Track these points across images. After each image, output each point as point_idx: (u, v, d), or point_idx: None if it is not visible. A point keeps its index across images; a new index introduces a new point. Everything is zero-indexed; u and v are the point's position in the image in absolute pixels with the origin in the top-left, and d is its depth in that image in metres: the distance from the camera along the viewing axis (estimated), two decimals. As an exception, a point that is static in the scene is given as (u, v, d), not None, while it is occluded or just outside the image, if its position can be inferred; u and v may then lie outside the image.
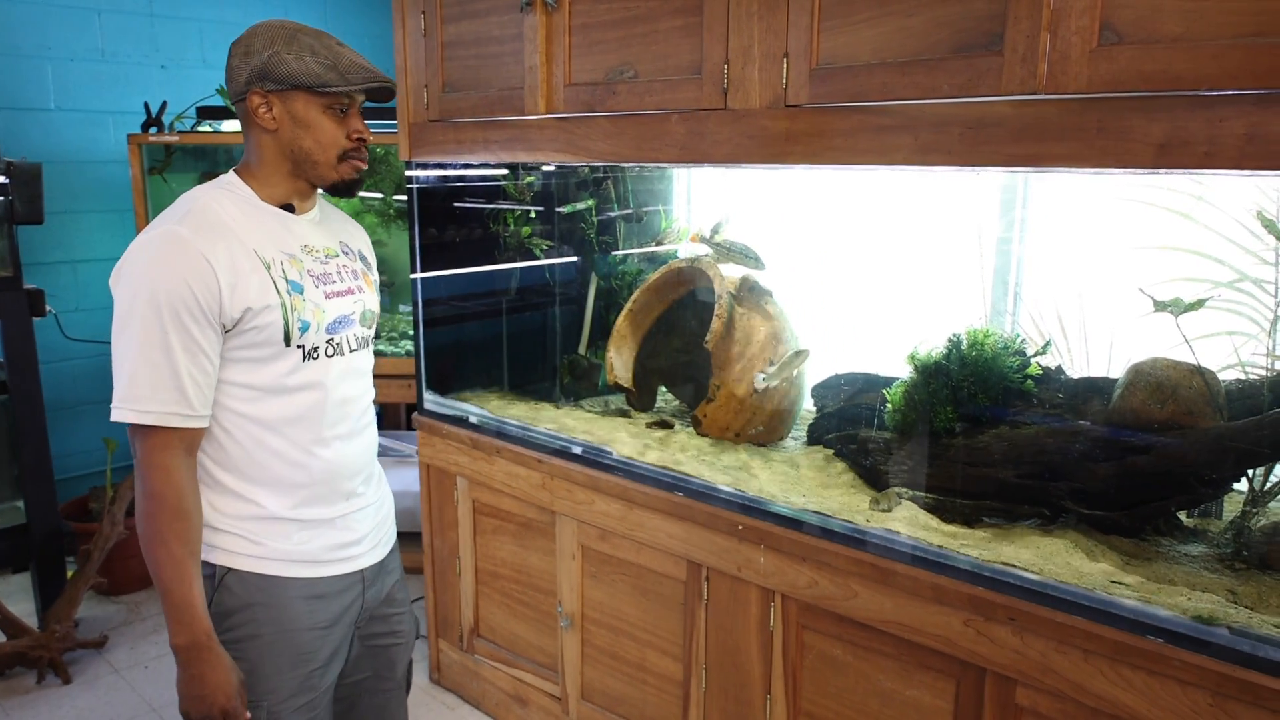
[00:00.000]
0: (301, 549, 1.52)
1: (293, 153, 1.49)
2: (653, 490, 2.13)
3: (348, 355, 1.57)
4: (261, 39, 1.45)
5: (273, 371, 1.47)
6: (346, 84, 1.45)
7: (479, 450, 2.55)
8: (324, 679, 1.58)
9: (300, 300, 1.48)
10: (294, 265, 1.50)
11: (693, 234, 2.47)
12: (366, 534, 1.62)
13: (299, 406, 1.50)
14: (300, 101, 1.45)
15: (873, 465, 2.00)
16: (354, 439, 1.60)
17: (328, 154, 1.49)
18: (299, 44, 1.44)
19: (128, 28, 3.87)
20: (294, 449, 1.50)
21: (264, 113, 1.46)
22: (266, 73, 1.43)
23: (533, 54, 2.18)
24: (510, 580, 2.58)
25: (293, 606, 1.52)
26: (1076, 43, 1.37)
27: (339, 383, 1.54)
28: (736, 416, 2.27)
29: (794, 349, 2.29)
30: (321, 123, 1.47)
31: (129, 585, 3.41)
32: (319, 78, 1.44)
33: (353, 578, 1.60)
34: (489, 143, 2.37)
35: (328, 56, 1.45)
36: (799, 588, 1.88)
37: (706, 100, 1.90)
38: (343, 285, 1.57)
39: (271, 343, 1.45)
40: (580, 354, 2.75)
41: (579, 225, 2.76)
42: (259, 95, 1.45)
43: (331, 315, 1.52)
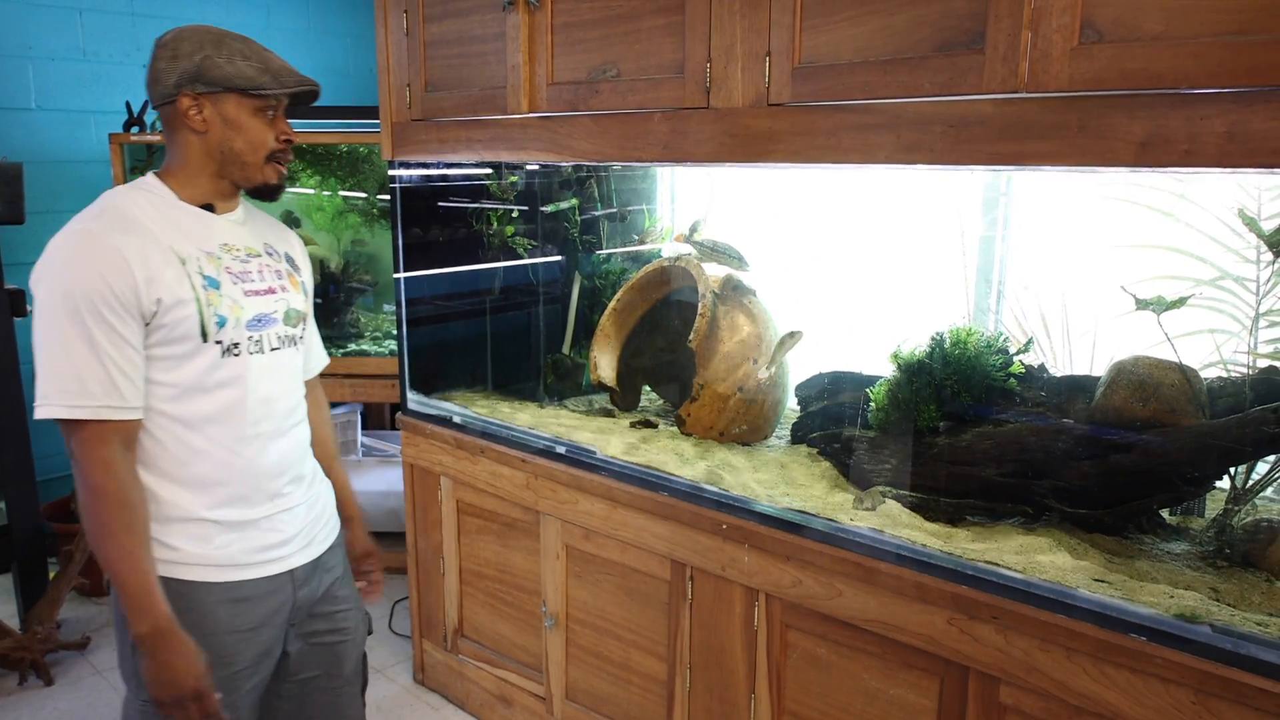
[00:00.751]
0: (221, 552, 1.52)
1: (222, 154, 1.51)
2: (637, 490, 2.12)
3: (269, 354, 1.57)
4: (190, 43, 1.47)
5: (192, 369, 1.47)
6: (280, 86, 1.49)
7: (463, 450, 2.54)
8: (249, 680, 1.57)
9: (216, 295, 1.49)
10: (211, 262, 1.51)
11: (677, 233, 2.47)
12: (295, 534, 1.62)
13: (220, 404, 1.50)
14: (232, 104, 1.48)
15: (856, 464, 2.00)
16: (280, 438, 1.60)
17: (257, 155, 1.52)
18: (228, 48, 1.48)
19: (109, 27, 3.84)
20: (216, 447, 1.51)
21: (194, 115, 1.48)
22: (199, 75, 1.46)
23: (515, 53, 2.17)
24: (494, 580, 2.56)
25: (212, 612, 1.51)
26: (1058, 41, 1.37)
27: (261, 380, 1.55)
28: (720, 416, 2.26)
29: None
30: (252, 124, 1.50)
31: (111, 588, 3.38)
32: (252, 81, 1.47)
33: (280, 579, 1.59)
34: (472, 142, 2.36)
35: (258, 60, 1.49)
36: (783, 587, 1.88)
37: (689, 99, 1.89)
38: (263, 284, 1.58)
39: (189, 338, 1.46)
40: (564, 353, 2.74)
41: (562, 224, 2.75)
42: (189, 98, 1.47)
43: (251, 312, 1.54)
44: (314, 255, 3.59)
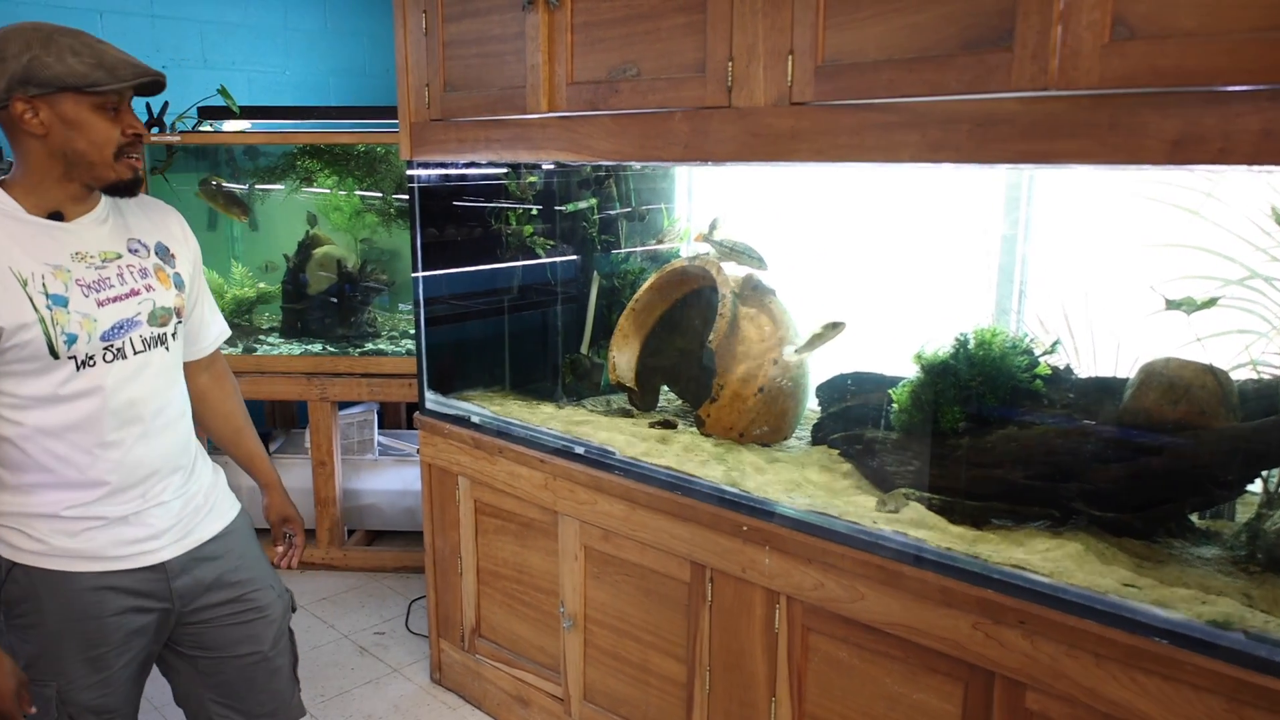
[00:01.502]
0: (86, 546, 1.54)
1: (65, 156, 1.46)
2: (656, 491, 2.11)
3: (132, 358, 1.56)
4: (15, 44, 1.41)
5: (46, 383, 1.47)
6: (116, 80, 1.43)
7: (481, 450, 2.53)
8: (120, 657, 1.60)
9: (63, 313, 1.47)
10: (58, 276, 1.48)
11: (696, 233, 2.45)
12: (167, 528, 1.63)
13: (77, 413, 1.50)
14: (69, 103, 1.42)
15: (879, 466, 1.98)
16: (149, 438, 1.59)
17: (103, 153, 1.47)
18: (57, 45, 1.41)
19: (129, 28, 3.86)
20: (76, 452, 1.51)
21: (30, 119, 1.42)
22: (28, 77, 1.40)
23: (535, 52, 2.16)
24: (512, 580, 2.56)
25: (79, 598, 1.54)
26: (1088, 38, 1.35)
27: (122, 386, 1.54)
28: (740, 416, 2.25)
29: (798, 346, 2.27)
30: (93, 122, 1.45)
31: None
32: (86, 77, 1.41)
33: (153, 571, 1.62)
34: (491, 142, 2.35)
35: (90, 55, 1.42)
36: (804, 590, 1.86)
37: (710, 98, 1.88)
38: (123, 288, 1.56)
39: (37, 357, 1.45)
40: (582, 353, 2.73)
41: (581, 224, 2.74)
42: (22, 101, 1.41)
43: (107, 322, 1.52)
44: (330, 255, 3.60)
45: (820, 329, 2.16)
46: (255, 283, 3.72)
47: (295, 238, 3.66)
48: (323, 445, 3.50)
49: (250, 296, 3.69)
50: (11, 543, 1.53)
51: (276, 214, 3.69)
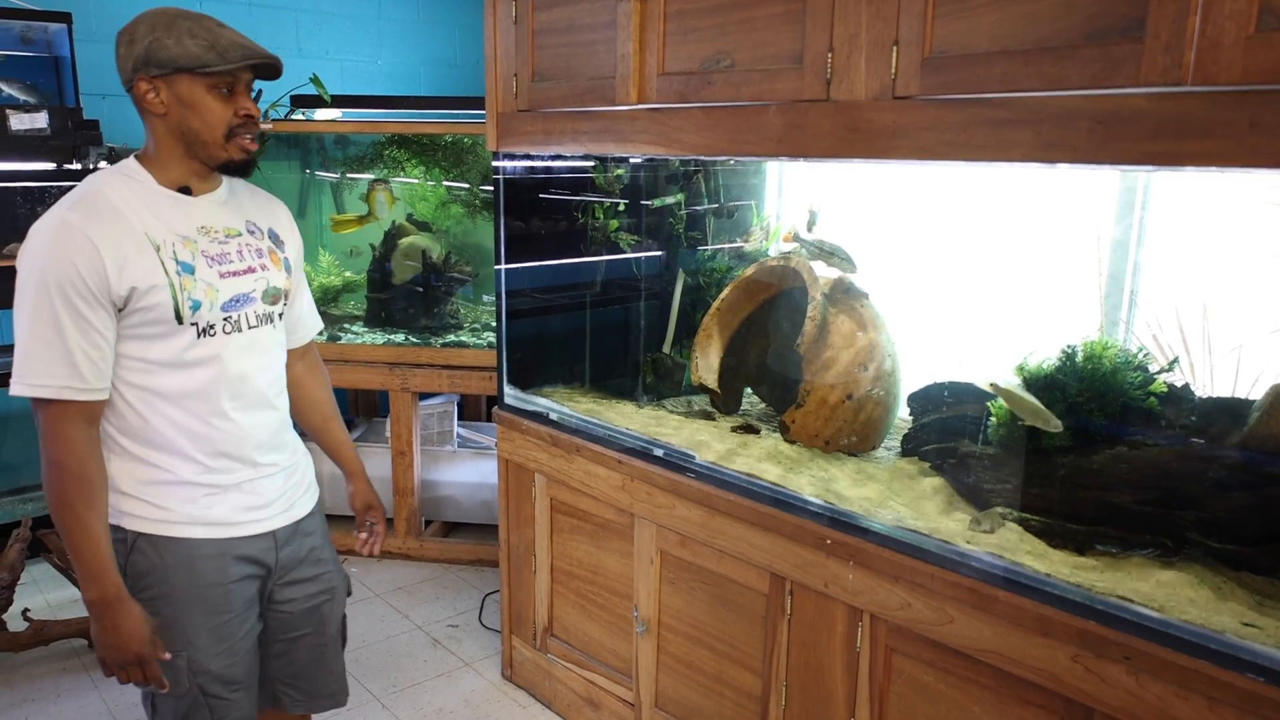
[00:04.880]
0: (208, 512, 1.60)
1: (183, 134, 1.53)
2: (736, 498, 2.05)
3: (246, 332, 1.63)
4: (144, 26, 1.49)
5: (169, 347, 1.54)
6: (225, 63, 1.49)
7: (558, 448, 2.50)
8: (241, 626, 1.67)
9: (190, 280, 1.54)
10: (187, 246, 1.55)
11: (786, 232, 2.37)
12: (275, 499, 1.69)
13: (195, 381, 1.57)
14: (185, 84, 1.49)
15: (973, 482, 1.88)
16: (256, 412, 1.66)
17: (215, 133, 1.53)
18: (178, 28, 1.48)
19: (227, 17, 3.89)
20: (192, 419, 1.58)
21: (152, 98, 1.50)
22: (149, 58, 1.48)
23: (625, 42, 2.11)
24: (586, 581, 2.52)
25: (203, 565, 1.60)
26: (1230, 29, 1.23)
27: (237, 358, 1.61)
28: (827, 424, 2.16)
29: (891, 354, 2.17)
30: (207, 103, 1.51)
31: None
32: (198, 59, 1.48)
33: (264, 538, 1.68)
34: (578, 134, 2.31)
35: (205, 37, 1.49)
36: (890, 609, 1.78)
37: (808, 91, 1.80)
38: (242, 264, 1.63)
39: (163, 320, 1.52)
40: (664, 352, 2.67)
41: (667, 220, 2.68)
42: (145, 81, 1.50)
43: (227, 294, 1.59)
44: (416, 245, 3.62)
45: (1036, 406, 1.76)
46: (341, 271, 3.77)
47: (382, 226, 3.68)
48: (403, 435, 3.52)
49: (336, 285, 3.73)
50: (137, 513, 1.57)
51: (360, 206, 3.72)
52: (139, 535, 1.57)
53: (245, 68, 1.53)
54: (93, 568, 1.50)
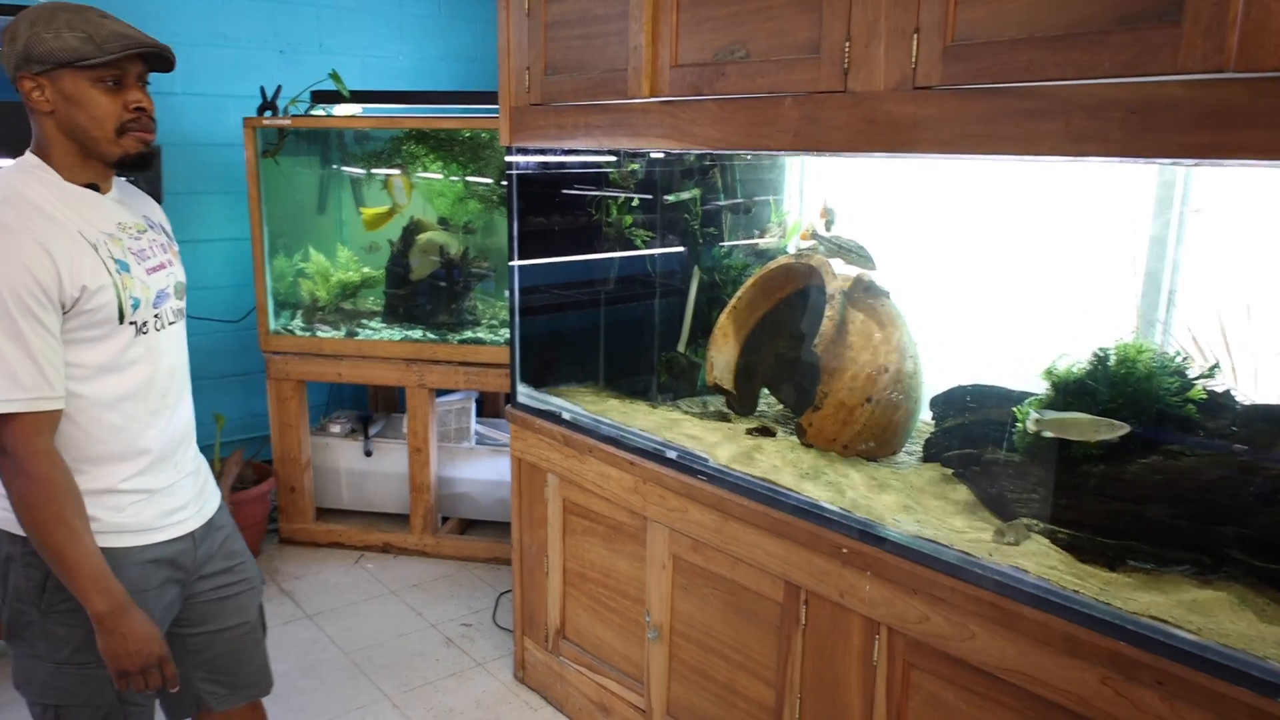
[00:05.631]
0: (134, 519, 1.57)
1: (72, 132, 1.47)
2: (750, 503, 1.98)
3: (168, 328, 1.62)
4: (25, 22, 1.43)
5: (107, 349, 1.50)
6: (104, 54, 1.42)
7: (571, 448, 2.44)
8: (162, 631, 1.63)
9: (129, 278, 1.52)
10: (115, 244, 1.52)
11: (804, 229, 2.30)
12: (191, 499, 1.68)
13: (134, 381, 1.54)
14: (67, 79, 1.43)
15: (997, 491, 1.79)
16: (181, 407, 1.67)
17: (104, 129, 1.47)
18: (57, 21, 1.42)
19: (249, 13, 3.92)
20: (131, 423, 1.55)
21: (37, 96, 1.45)
22: (29, 54, 1.42)
23: (638, 33, 2.05)
24: (598, 584, 2.47)
25: (128, 573, 1.55)
26: (1276, 10, 1.14)
27: (165, 354, 1.61)
28: (845, 427, 2.09)
29: (913, 355, 2.09)
30: (92, 97, 1.45)
31: (230, 562, 3.46)
32: (76, 52, 1.41)
33: (184, 540, 1.66)
34: (590, 128, 2.25)
35: (84, 29, 1.42)
36: (908, 622, 1.70)
37: (824, 82, 1.72)
38: (156, 260, 1.61)
39: (106, 321, 1.49)
40: (679, 351, 2.60)
41: (683, 216, 2.61)
42: (29, 79, 1.44)
43: (154, 290, 1.57)
44: (433, 240, 3.58)
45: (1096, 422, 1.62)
46: (360, 266, 3.73)
47: (400, 221, 3.64)
48: (419, 431, 3.48)
49: (354, 280, 3.70)
50: None
51: (383, 198, 3.68)
52: None
53: (132, 58, 1.46)
54: (97, 578, 1.46)
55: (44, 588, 1.52)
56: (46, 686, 1.56)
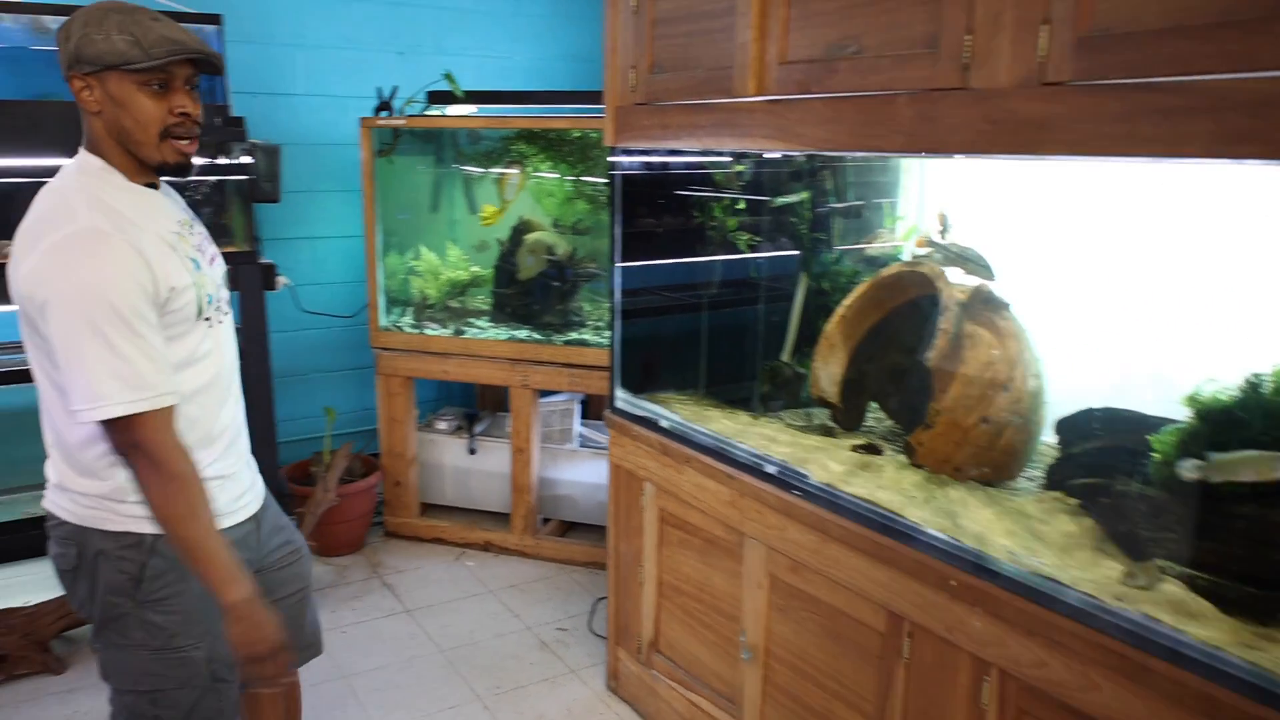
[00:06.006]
0: (212, 506, 1.57)
1: (117, 133, 1.48)
2: (852, 525, 1.87)
3: (226, 320, 1.68)
4: (77, 21, 1.44)
5: (187, 345, 1.54)
6: (149, 59, 1.42)
7: (668, 457, 2.37)
8: None
9: (201, 275, 1.57)
10: (184, 242, 1.56)
11: (919, 236, 2.16)
12: (251, 484, 1.75)
13: (208, 374, 1.59)
14: (114, 81, 1.44)
15: (1130, 527, 1.63)
16: (239, 396, 1.72)
17: (148, 133, 1.48)
18: (108, 23, 1.42)
19: (371, 16, 4.00)
20: (206, 414, 1.59)
21: (86, 96, 1.46)
22: (79, 55, 1.43)
23: (745, 29, 1.96)
24: (692, 598, 2.39)
25: None
26: None
27: (227, 345, 1.67)
28: (958, 449, 1.95)
29: (1036, 373, 1.93)
30: (138, 101, 1.45)
31: (337, 549, 3.55)
32: (123, 55, 1.42)
33: (249, 523, 1.73)
34: (694, 128, 2.17)
35: (133, 32, 1.42)
36: (1022, 665, 1.56)
37: (941, 78, 1.60)
38: (210, 253, 1.66)
39: (187, 319, 1.53)
40: (783, 360, 2.50)
41: (790, 219, 2.50)
42: (79, 79, 1.45)
43: (215, 283, 1.63)
44: (541, 241, 3.57)
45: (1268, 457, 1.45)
46: (469, 265, 3.76)
47: (509, 221, 3.65)
48: (522, 432, 3.48)
49: (463, 279, 3.73)
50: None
51: (494, 197, 3.69)
52: (157, 537, 1.55)
53: (180, 63, 1.46)
54: (232, 569, 1.49)
55: (139, 579, 1.56)
56: (143, 674, 1.60)
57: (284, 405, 3.71)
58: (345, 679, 2.77)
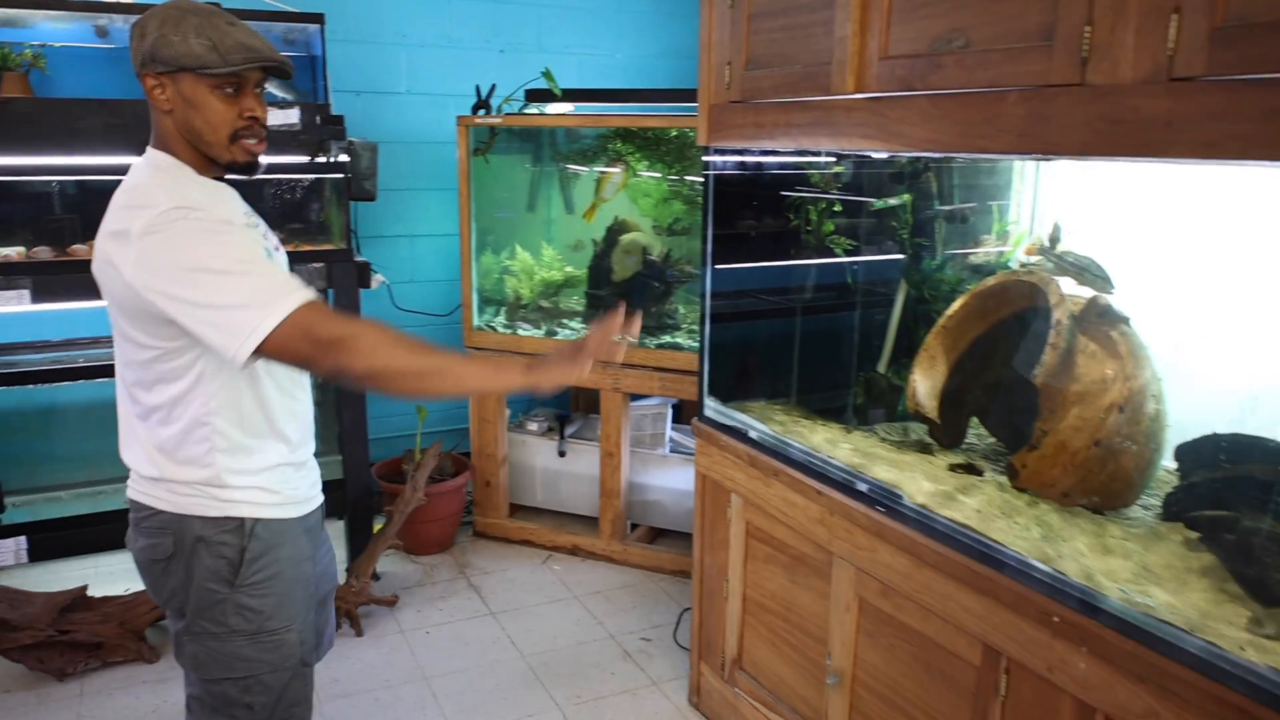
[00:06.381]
0: (297, 491, 1.66)
1: (187, 133, 1.51)
2: (948, 550, 1.76)
3: None
4: (154, 20, 1.47)
5: None
6: (226, 65, 1.46)
7: (756, 469, 2.29)
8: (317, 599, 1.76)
9: (278, 259, 1.63)
10: (255, 231, 1.60)
11: (1029, 243, 2.02)
12: (317, 473, 1.78)
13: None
14: (188, 83, 1.48)
15: (1257, 568, 1.48)
16: (307, 388, 1.73)
17: (219, 134, 1.51)
18: (185, 25, 1.45)
19: (473, 14, 4.03)
20: (288, 399, 1.63)
21: (159, 95, 1.49)
22: (155, 55, 1.46)
23: (844, 22, 1.86)
24: (778, 616, 2.30)
25: (298, 542, 1.66)
26: None
27: None
28: (1067, 473, 1.81)
29: (1155, 394, 1.78)
30: (210, 103, 1.49)
31: (425, 548, 3.58)
32: (200, 59, 1.45)
33: (319, 510, 1.76)
34: (790, 127, 2.08)
35: (211, 36, 1.46)
36: (1132, 714, 1.43)
37: (1056, 74, 1.47)
38: (274, 241, 1.68)
39: None
40: (879, 371, 2.38)
41: (890, 223, 2.39)
42: (152, 78, 1.49)
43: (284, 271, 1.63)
44: (636, 241, 3.52)
45: None
46: (563, 265, 3.74)
47: (603, 221, 3.62)
48: (612, 436, 3.44)
49: (557, 279, 3.71)
50: (252, 500, 1.59)
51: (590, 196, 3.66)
52: (256, 521, 1.59)
53: (253, 69, 1.50)
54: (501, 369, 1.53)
55: (239, 564, 1.58)
56: (238, 659, 1.61)
57: (375, 402, 3.77)
58: (426, 680, 2.78)
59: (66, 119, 2.73)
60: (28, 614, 2.62)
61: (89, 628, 2.69)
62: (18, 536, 2.89)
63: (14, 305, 2.66)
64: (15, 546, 2.86)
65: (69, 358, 3.14)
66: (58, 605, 2.67)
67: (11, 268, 2.73)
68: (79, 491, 3.41)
